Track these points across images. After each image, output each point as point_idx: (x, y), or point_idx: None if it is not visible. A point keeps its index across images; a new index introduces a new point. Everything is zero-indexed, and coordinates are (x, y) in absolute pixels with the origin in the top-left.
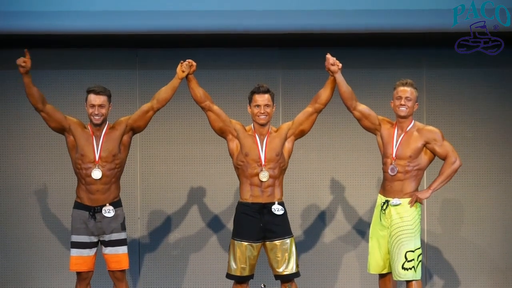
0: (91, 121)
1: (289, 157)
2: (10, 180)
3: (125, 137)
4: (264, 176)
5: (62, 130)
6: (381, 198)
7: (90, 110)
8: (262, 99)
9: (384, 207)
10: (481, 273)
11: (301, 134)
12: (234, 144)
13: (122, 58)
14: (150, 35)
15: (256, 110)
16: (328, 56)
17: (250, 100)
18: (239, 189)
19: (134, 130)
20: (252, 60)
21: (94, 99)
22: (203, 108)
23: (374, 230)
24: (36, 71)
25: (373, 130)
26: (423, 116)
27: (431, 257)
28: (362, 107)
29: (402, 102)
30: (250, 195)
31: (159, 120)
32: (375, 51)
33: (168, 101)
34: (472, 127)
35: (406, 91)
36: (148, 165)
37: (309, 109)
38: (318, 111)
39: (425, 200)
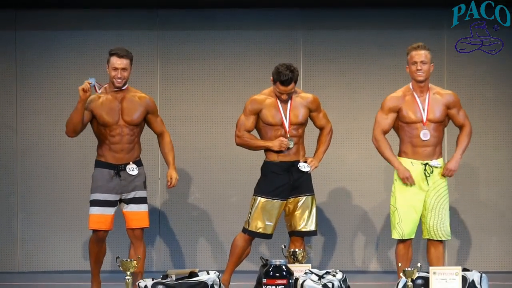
0: (112, 83)
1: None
2: (30, 140)
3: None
4: (291, 144)
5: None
6: (414, 163)
7: (113, 73)
8: (286, 89)
9: (429, 170)
10: (500, 233)
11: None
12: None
13: (143, 18)
14: None
15: (279, 94)
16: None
17: (275, 82)
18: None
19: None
20: (272, 21)
21: (117, 62)
22: None
23: (404, 198)
24: (58, 31)
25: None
26: (443, 77)
27: (453, 218)
28: (386, 128)
29: (419, 67)
30: (277, 155)
31: (180, 80)
32: (396, 11)
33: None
34: (493, 87)
35: (420, 54)
36: (169, 125)
37: (321, 122)
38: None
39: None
